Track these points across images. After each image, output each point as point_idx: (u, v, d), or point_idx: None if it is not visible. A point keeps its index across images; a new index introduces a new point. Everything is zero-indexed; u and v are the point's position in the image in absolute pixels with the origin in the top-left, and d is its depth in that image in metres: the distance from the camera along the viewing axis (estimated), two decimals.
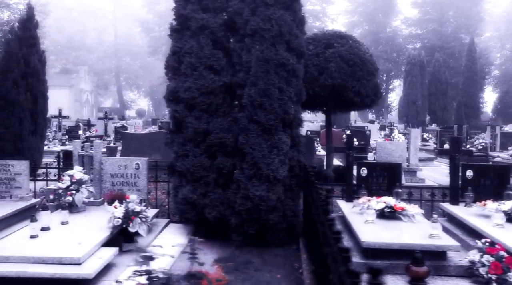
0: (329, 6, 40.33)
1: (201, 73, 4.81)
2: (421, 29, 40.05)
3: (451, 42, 36.69)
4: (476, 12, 38.07)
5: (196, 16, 4.86)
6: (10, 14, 21.01)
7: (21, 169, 5.12)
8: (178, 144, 4.90)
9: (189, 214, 4.71)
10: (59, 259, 3.49)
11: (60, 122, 12.12)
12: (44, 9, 22.20)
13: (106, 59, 51.67)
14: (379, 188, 4.75)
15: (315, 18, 39.47)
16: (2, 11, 20.58)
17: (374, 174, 4.79)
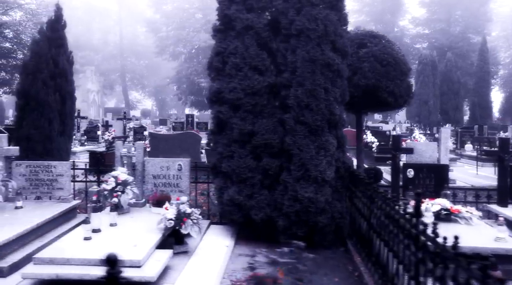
0: None
1: (246, 73, 4.77)
2: (429, 28, 39.88)
3: (459, 42, 36.51)
4: (484, 12, 37.89)
5: (241, 16, 4.82)
6: (22, 14, 21.05)
7: (63, 170, 5.09)
8: (222, 145, 4.87)
9: (235, 216, 4.67)
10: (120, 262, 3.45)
11: (78, 123, 12.09)
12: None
13: (111, 59, 51.76)
14: (425, 189, 4.71)
15: None
16: (15, 12, 20.61)
17: (421, 176, 4.74)
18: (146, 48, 48.58)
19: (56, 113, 7.53)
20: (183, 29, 38.29)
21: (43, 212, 4.61)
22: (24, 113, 7.48)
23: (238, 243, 4.68)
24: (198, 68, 36.49)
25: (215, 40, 5.08)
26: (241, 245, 4.63)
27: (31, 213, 4.57)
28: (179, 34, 37.61)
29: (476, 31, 37.00)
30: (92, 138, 12.26)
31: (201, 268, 3.89)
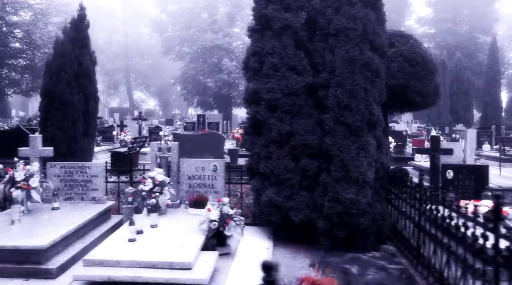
0: None
1: (283, 73, 4.73)
2: (435, 28, 39.76)
3: (466, 41, 36.39)
4: (491, 11, 37.75)
5: (278, 15, 4.78)
6: (32, 14, 21.06)
7: (97, 171, 5.06)
8: (259, 145, 4.83)
9: (273, 217, 4.63)
10: (170, 264, 3.42)
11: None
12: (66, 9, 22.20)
13: (116, 59, 51.79)
14: (465, 191, 4.66)
15: None
16: (25, 12, 20.62)
17: (460, 177, 4.69)
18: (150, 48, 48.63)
19: (80, 113, 7.50)
20: (188, 29, 38.28)
21: (80, 213, 4.58)
22: (48, 114, 7.46)
23: (276, 245, 4.64)
24: (204, 68, 36.48)
25: (250, 40, 5.04)
26: (280, 247, 4.59)
27: (69, 214, 4.54)
28: (185, 34, 37.58)
29: (483, 30, 36.85)
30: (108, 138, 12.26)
31: (247, 270, 3.85)
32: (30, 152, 5.01)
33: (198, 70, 36.47)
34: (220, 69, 34.71)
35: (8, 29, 20.85)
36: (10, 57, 21.37)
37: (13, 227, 4.04)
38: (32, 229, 4.00)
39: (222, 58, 34.86)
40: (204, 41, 34.72)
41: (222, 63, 34.55)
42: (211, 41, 34.13)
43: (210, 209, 4.13)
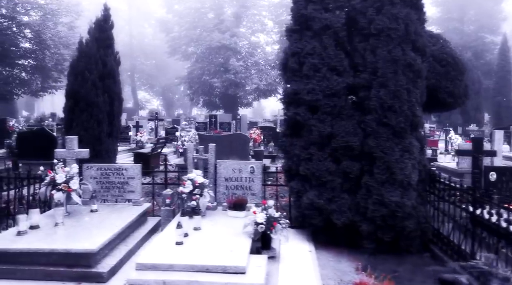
0: None
1: (324, 74, 4.68)
2: (442, 28, 39.51)
3: (473, 41, 36.21)
4: (497, 10, 37.58)
5: (318, 16, 4.73)
6: (42, 14, 21.07)
7: (134, 173, 5.02)
8: (299, 147, 4.78)
9: (315, 220, 4.58)
10: (224, 268, 3.37)
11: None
12: (76, 9, 22.22)
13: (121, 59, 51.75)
14: (510, 194, 4.59)
15: None
16: (35, 12, 20.62)
17: (504, 179, 4.63)
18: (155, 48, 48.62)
19: (105, 114, 7.49)
20: (194, 29, 38.23)
21: (119, 215, 4.54)
22: (73, 114, 7.44)
23: (317, 248, 4.58)
24: (210, 68, 36.43)
25: (289, 40, 4.99)
26: (321, 250, 4.54)
27: (109, 217, 4.50)
28: (192, 34, 37.55)
29: (491, 30, 36.66)
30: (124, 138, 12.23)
31: (295, 274, 3.80)
32: (66, 154, 4.97)
33: (205, 70, 36.43)
34: (227, 69, 34.67)
35: (18, 29, 20.88)
36: (20, 57, 21.39)
37: (57, 229, 4.00)
38: (77, 232, 3.96)
39: (229, 58, 34.81)
40: (211, 41, 34.68)
41: (229, 63, 34.51)
42: (218, 41, 34.07)
43: (255, 212, 4.08)
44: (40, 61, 21.40)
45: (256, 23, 40.85)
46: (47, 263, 3.53)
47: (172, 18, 40.45)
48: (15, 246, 3.54)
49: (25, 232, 3.82)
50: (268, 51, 40.08)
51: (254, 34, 41.56)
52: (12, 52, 20.76)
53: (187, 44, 38.87)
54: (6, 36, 20.78)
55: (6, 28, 20.79)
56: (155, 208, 5.49)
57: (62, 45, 21.52)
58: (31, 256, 3.53)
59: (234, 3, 38.74)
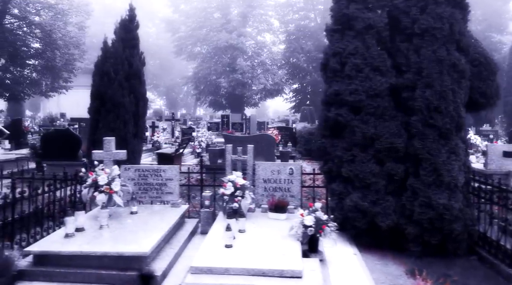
0: None
1: (367, 74, 4.62)
2: None
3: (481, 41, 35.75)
4: (506, 10, 37.39)
5: (361, 15, 4.67)
6: (53, 15, 21.07)
7: (172, 174, 4.97)
8: (341, 149, 4.72)
9: (359, 222, 4.51)
10: (280, 272, 3.32)
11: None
12: (87, 8, 22.20)
13: None
14: None
15: None
16: (45, 12, 20.63)
17: None
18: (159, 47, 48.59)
19: (130, 115, 7.46)
20: (201, 29, 38.21)
21: (162, 217, 4.49)
22: (99, 115, 7.41)
23: (361, 251, 4.52)
24: (217, 68, 36.39)
25: (329, 40, 4.94)
26: (366, 253, 4.47)
27: (150, 219, 4.45)
28: (198, 34, 37.53)
29: (498, 29, 36.48)
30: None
31: (347, 278, 3.74)
32: (104, 155, 4.93)
33: (211, 70, 36.41)
34: (234, 69, 34.63)
35: (28, 29, 20.90)
36: (31, 57, 21.41)
37: (103, 232, 3.96)
38: (124, 234, 3.91)
39: (236, 58, 34.76)
40: (218, 41, 34.64)
41: (236, 63, 34.47)
42: (225, 41, 34.02)
43: (303, 214, 4.02)
44: (50, 61, 21.41)
45: (262, 22, 40.81)
46: (98, 266, 3.49)
47: (178, 18, 40.43)
48: (68, 249, 3.49)
49: (72, 234, 3.78)
50: (275, 50, 40.03)
51: (261, 33, 41.54)
52: (23, 52, 20.78)
53: (193, 44, 38.85)
54: (17, 36, 20.82)
55: (17, 28, 20.83)
56: (190, 209, 5.44)
57: (72, 45, 21.52)
58: (83, 259, 3.48)
59: (240, 2, 38.68)
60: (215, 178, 5.34)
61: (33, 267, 3.48)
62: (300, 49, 36.89)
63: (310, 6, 40.64)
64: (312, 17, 40.57)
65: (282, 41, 40.77)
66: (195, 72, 38.35)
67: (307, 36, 38.82)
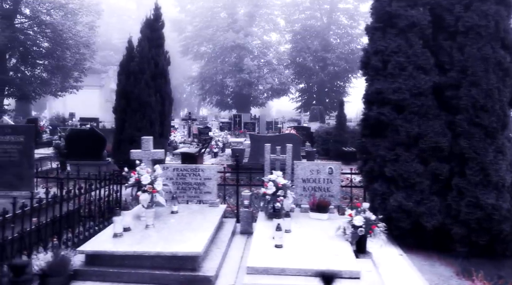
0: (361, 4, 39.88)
1: (411, 73, 4.57)
2: None
3: None
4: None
5: (404, 13, 4.61)
6: (64, 14, 21.09)
7: (211, 174, 4.93)
8: (384, 148, 4.67)
9: (403, 223, 4.46)
10: (338, 273, 3.28)
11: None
12: (97, 8, 22.21)
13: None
14: None
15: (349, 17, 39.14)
16: (56, 12, 20.64)
17: None
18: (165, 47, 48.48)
19: (157, 114, 7.43)
20: (207, 29, 38.21)
21: (204, 217, 4.45)
22: (125, 115, 7.39)
23: (405, 252, 4.46)
24: (224, 67, 36.38)
25: (371, 38, 4.88)
26: (410, 253, 4.40)
27: (193, 218, 4.41)
28: (205, 33, 37.52)
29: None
30: None
31: (400, 279, 3.69)
32: (142, 155, 4.90)
33: (218, 69, 36.41)
34: (241, 68, 34.60)
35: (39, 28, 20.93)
36: (42, 57, 21.43)
37: (150, 232, 3.92)
38: (171, 234, 3.87)
39: (243, 57, 34.74)
40: (225, 41, 34.62)
41: (243, 62, 34.44)
42: (232, 40, 34.00)
43: (351, 214, 3.98)
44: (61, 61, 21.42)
45: (268, 22, 40.77)
46: (151, 267, 3.46)
47: (184, 17, 40.41)
48: (120, 249, 3.46)
49: (121, 234, 3.75)
50: (281, 50, 39.98)
51: (267, 33, 41.51)
52: (34, 52, 20.82)
53: (199, 44, 38.82)
54: (28, 36, 20.86)
55: (28, 28, 20.88)
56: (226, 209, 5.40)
57: (82, 44, 21.54)
58: (136, 259, 3.45)
59: (246, 2, 38.64)
60: (251, 178, 5.30)
61: (86, 267, 3.46)
62: (306, 49, 36.85)
63: (316, 6, 40.58)
64: (318, 16, 40.51)
65: (288, 40, 40.73)
66: (201, 72, 38.34)
67: (313, 35, 38.78)
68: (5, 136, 4.78)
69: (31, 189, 4.85)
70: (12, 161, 4.80)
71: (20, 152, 4.81)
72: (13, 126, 5.39)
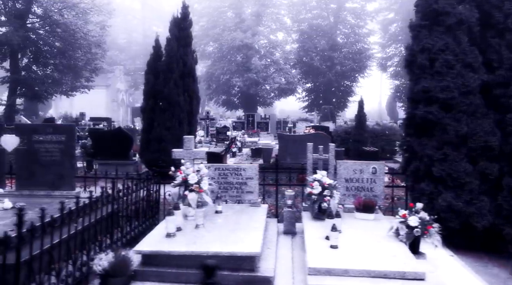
0: (368, 3, 39.76)
1: (459, 71, 4.50)
2: None
3: None
4: None
5: (452, 10, 4.55)
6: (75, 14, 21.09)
7: (252, 173, 4.88)
8: (431, 147, 4.60)
9: (452, 223, 4.39)
10: (402, 274, 3.22)
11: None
12: (108, 7, 22.19)
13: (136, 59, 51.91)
14: None
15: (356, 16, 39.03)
16: (68, 11, 20.64)
17: None
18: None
19: (185, 113, 7.40)
20: (214, 28, 38.15)
21: (250, 216, 4.40)
22: (154, 114, 7.36)
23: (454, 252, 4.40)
24: (231, 67, 36.30)
25: (416, 36, 4.81)
26: (460, 254, 4.33)
27: (239, 218, 4.36)
28: (212, 33, 37.48)
29: None
30: None
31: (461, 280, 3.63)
32: (184, 154, 4.86)
33: (225, 69, 36.34)
34: (248, 68, 34.52)
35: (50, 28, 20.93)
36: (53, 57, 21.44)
37: (201, 231, 3.87)
38: (223, 234, 3.82)
39: (251, 57, 34.66)
40: (232, 40, 34.55)
41: (250, 62, 34.36)
42: (240, 40, 33.93)
43: (405, 215, 3.92)
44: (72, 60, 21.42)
45: (276, 21, 40.67)
46: None
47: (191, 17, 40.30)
48: (178, 249, 3.42)
49: (174, 234, 3.70)
50: (287, 49, 39.87)
51: (273, 33, 41.40)
52: (46, 52, 20.82)
53: (206, 44, 38.75)
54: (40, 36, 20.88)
55: (40, 27, 20.89)
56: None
57: (94, 44, 21.53)
58: (193, 260, 3.39)
59: (253, 2, 38.56)
60: (290, 178, 5.25)
61: (143, 267, 3.41)
62: (313, 48, 36.76)
63: (323, 5, 40.44)
64: (325, 15, 40.39)
65: (294, 40, 40.62)
66: (208, 72, 38.29)
67: (320, 35, 38.67)
68: (46, 136, 4.75)
69: (72, 189, 4.83)
70: (54, 160, 4.77)
71: (62, 152, 4.78)
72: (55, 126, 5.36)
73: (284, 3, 41.26)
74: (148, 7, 52.85)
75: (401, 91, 39.64)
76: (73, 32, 20.44)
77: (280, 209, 5.39)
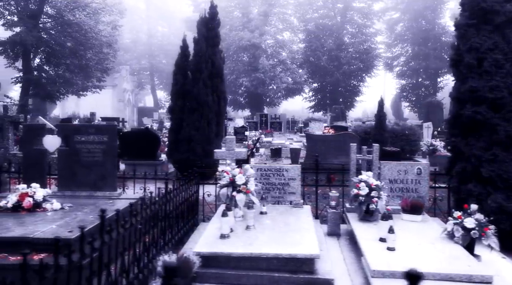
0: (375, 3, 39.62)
1: (508, 70, 4.45)
2: None
3: None
4: None
5: (501, 9, 4.49)
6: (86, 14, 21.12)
7: (295, 174, 4.84)
8: (479, 148, 4.54)
9: (503, 224, 4.32)
10: (469, 277, 3.17)
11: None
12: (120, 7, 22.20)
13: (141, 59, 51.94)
14: None
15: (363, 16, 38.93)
16: (80, 11, 20.67)
17: None
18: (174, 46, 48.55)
19: (214, 114, 7.37)
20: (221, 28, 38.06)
21: (297, 217, 4.36)
22: (183, 114, 7.32)
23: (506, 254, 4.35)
24: (239, 67, 36.26)
25: (462, 35, 4.75)
26: (509, 256, 4.30)
27: (285, 219, 4.31)
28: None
29: None
30: None
31: None
32: (226, 154, 4.82)
33: (232, 69, 36.29)
34: (256, 67, 34.48)
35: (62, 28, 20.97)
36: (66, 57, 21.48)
37: (253, 233, 3.83)
38: (276, 235, 3.77)
39: (259, 57, 34.63)
40: (240, 40, 34.51)
41: (258, 61, 34.32)
42: (248, 40, 33.90)
43: (460, 216, 3.87)
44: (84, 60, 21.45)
45: (283, 21, 40.61)
46: (266, 269, 3.37)
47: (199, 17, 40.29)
48: (237, 251, 3.38)
49: (228, 235, 3.67)
50: (294, 49, 39.79)
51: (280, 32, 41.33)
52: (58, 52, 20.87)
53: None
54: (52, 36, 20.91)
55: (52, 28, 20.93)
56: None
57: (105, 44, 21.56)
58: (252, 261, 3.37)
59: (260, 1, 38.51)
60: (329, 178, 5.20)
61: (202, 269, 3.37)
62: (320, 48, 36.67)
63: (330, 4, 40.35)
64: (332, 15, 40.29)
65: (301, 39, 40.55)
66: None
67: (326, 34, 38.59)
68: (89, 136, 4.72)
69: (114, 190, 4.80)
70: (96, 161, 4.74)
71: (104, 152, 4.75)
72: (97, 126, 5.34)
73: (290, 3, 41.19)
74: (153, 6, 52.89)
75: (407, 90, 39.59)
76: (84, 32, 20.48)
77: (319, 210, 5.35)
